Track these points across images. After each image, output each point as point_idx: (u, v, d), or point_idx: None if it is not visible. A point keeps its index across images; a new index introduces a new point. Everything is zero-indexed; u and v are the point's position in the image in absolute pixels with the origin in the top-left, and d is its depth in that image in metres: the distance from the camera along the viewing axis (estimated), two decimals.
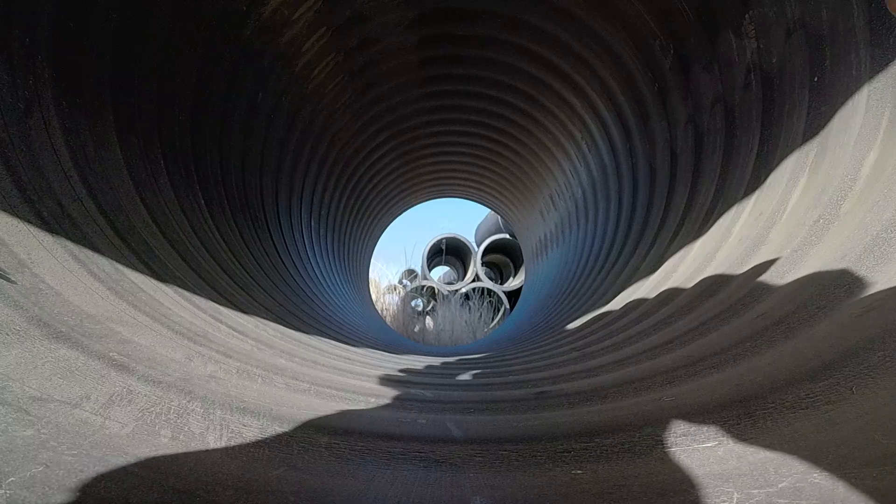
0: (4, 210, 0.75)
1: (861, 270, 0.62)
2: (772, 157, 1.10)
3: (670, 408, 0.69)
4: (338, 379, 0.96)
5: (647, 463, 0.56)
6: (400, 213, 4.28)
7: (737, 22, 1.22)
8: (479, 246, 5.72)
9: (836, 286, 0.64)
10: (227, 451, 0.55)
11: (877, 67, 0.82)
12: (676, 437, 0.60)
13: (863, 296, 0.66)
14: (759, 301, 0.81)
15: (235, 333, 1.02)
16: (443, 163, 3.46)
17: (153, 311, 0.87)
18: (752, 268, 0.94)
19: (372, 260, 4.42)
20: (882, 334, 0.62)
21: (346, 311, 2.61)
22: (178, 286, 1.05)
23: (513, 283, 5.82)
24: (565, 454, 0.61)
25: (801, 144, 1.00)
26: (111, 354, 0.64)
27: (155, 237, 1.15)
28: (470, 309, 5.20)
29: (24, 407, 0.47)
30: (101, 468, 0.43)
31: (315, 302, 2.14)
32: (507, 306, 5.48)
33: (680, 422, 0.63)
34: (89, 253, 0.87)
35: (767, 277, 0.83)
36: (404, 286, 6.12)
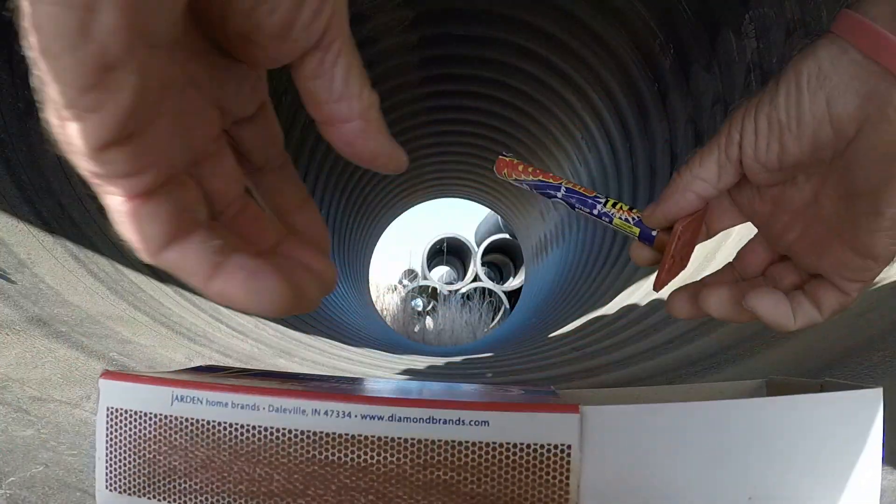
0: (4, 210, 0.75)
1: None
2: None
3: None
4: None
5: None
6: (400, 213, 4.28)
7: (737, 22, 1.22)
8: (479, 246, 5.72)
9: None
10: None
11: None
12: None
13: (863, 295, 0.66)
14: None
15: (235, 333, 1.02)
16: (443, 163, 3.46)
17: (153, 311, 0.87)
18: None
19: (372, 260, 4.43)
20: (882, 334, 0.62)
21: (347, 311, 2.62)
22: (179, 286, 1.05)
23: (513, 283, 5.83)
24: None
25: None
26: (111, 354, 0.64)
27: None
28: (470, 309, 5.20)
29: (24, 407, 0.47)
30: None
31: None
32: (507, 306, 5.48)
33: None
34: (89, 253, 0.87)
35: None
36: (404, 286, 6.12)
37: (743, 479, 0.22)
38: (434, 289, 5.88)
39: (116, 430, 0.24)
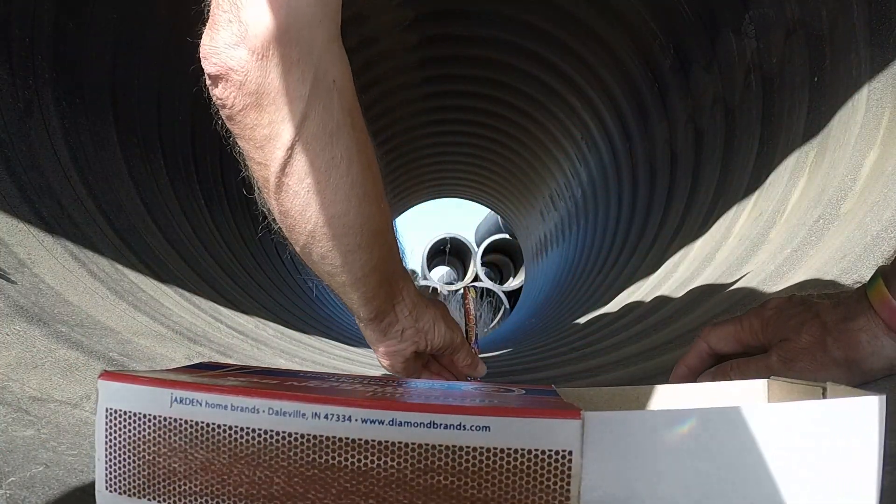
0: (4, 210, 0.75)
1: (861, 270, 0.62)
2: (772, 157, 1.10)
3: None
4: None
5: None
6: (400, 213, 4.28)
7: (737, 22, 1.22)
8: (479, 246, 5.72)
9: (836, 286, 0.64)
10: None
11: (877, 67, 0.82)
12: None
13: None
14: (760, 301, 0.81)
15: (235, 333, 1.02)
16: (443, 163, 3.46)
17: (153, 311, 0.87)
18: (752, 268, 0.94)
19: None
20: None
21: (347, 312, 2.61)
22: (178, 286, 1.05)
23: (513, 283, 5.83)
24: None
25: (801, 144, 1.00)
26: (111, 354, 0.64)
27: (155, 237, 1.15)
28: None
29: (24, 407, 0.47)
30: None
31: (315, 302, 2.14)
32: (507, 306, 5.48)
33: None
34: (89, 253, 0.87)
35: (767, 277, 0.83)
36: None
37: (743, 486, 0.22)
38: (434, 289, 5.88)
39: (116, 431, 0.24)
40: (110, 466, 0.25)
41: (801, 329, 0.38)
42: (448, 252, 6.19)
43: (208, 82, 0.36)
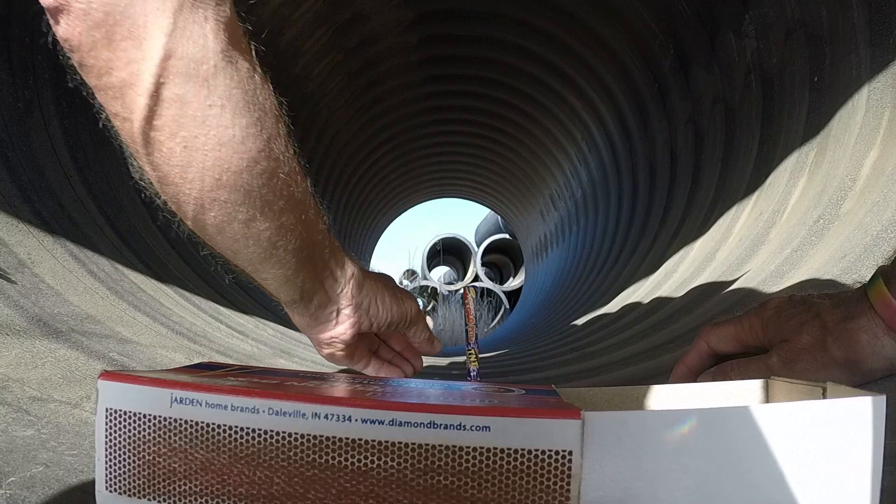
0: (4, 210, 0.75)
1: (861, 270, 0.62)
2: (772, 157, 1.10)
3: None
4: None
5: None
6: (400, 213, 4.28)
7: (737, 22, 1.23)
8: (479, 246, 5.72)
9: (836, 286, 0.64)
10: None
11: (877, 67, 0.82)
12: None
13: None
14: (760, 301, 0.81)
15: (235, 333, 1.02)
16: (443, 163, 3.46)
17: (153, 311, 0.87)
18: (752, 268, 0.94)
19: (372, 260, 4.42)
20: None
21: None
22: (178, 286, 1.05)
23: (513, 283, 5.83)
24: None
25: (801, 144, 1.00)
26: (111, 354, 0.64)
27: (155, 237, 1.15)
28: None
29: (24, 407, 0.47)
30: None
31: None
32: (507, 306, 5.48)
33: None
34: (89, 253, 0.87)
35: (767, 277, 0.83)
36: (404, 287, 6.12)
37: (743, 486, 0.22)
38: (434, 289, 5.88)
39: (116, 431, 0.24)
40: (110, 466, 0.25)
41: (802, 329, 0.38)
42: (441, 252, 6.20)
43: (51, 22, 0.29)
